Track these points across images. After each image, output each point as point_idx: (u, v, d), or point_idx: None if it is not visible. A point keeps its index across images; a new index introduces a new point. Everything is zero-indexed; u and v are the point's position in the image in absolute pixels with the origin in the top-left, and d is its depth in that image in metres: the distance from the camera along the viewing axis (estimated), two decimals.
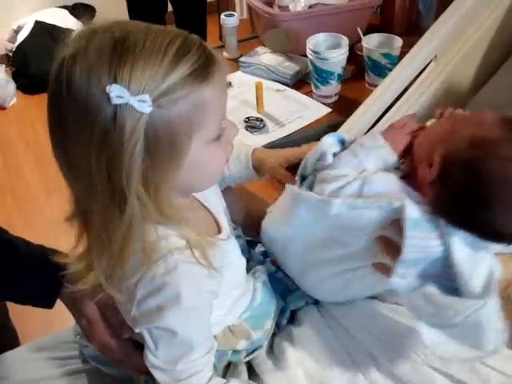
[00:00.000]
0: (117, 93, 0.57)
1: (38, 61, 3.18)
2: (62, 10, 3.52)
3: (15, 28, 3.35)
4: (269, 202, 0.92)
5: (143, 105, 0.58)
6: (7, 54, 3.43)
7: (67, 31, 0.64)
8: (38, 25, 3.27)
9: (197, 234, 0.70)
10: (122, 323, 0.78)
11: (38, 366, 0.99)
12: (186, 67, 0.60)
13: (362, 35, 1.53)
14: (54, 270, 0.77)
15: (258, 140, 1.38)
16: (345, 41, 1.48)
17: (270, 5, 1.74)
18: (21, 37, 3.31)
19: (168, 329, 0.70)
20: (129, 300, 0.70)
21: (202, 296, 0.72)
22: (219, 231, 0.79)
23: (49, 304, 0.87)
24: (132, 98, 0.57)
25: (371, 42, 1.54)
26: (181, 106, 0.61)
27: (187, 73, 0.60)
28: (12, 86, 3.29)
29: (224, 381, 0.77)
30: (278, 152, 0.95)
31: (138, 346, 0.80)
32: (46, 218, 2.34)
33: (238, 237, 0.88)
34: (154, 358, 0.72)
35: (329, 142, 0.84)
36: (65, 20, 3.40)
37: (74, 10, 3.55)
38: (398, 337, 0.82)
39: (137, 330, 0.72)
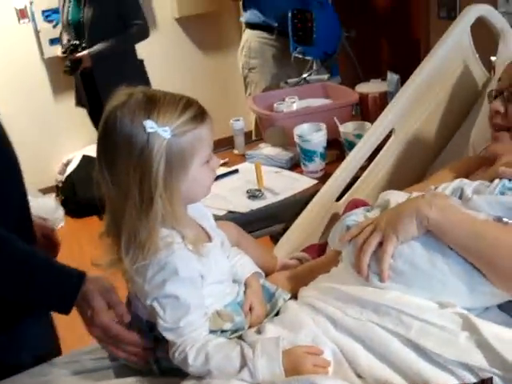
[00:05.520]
0: (149, 125, 0.95)
1: (84, 189, 3.63)
2: None
3: (65, 162, 3.89)
4: None
5: (165, 133, 0.96)
6: (57, 185, 3.93)
7: None
8: (85, 158, 3.79)
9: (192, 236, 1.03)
10: (124, 310, 1.08)
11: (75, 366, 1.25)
12: (190, 113, 0.99)
13: (338, 123, 1.91)
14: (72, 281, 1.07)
15: (257, 204, 1.72)
16: (323, 126, 1.86)
17: (271, 110, 2.19)
18: (69, 169, 3.84)
19: (172, 295, 1.00)
20: (142, 280, 1.00)
21: (193, 272, 1.02)
22: (210, 240, 1.11)
23: (66, 310, 1.08)
24: (159, 128, 0.95)
25: (347, 128, 1.92)
26: (188, 136, 0.99)
27: (191, 116, 0.99)
28: (60, 211, 3.75)
29: (215, 336, 1.04)
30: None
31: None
32: None
33: None
34: (163, 322, 1.01)
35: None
36: None
37: None
38: (349, 303, 1.07)
39: (148, 303, 1.01)
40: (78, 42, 3.09)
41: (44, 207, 3.75)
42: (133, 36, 3.22)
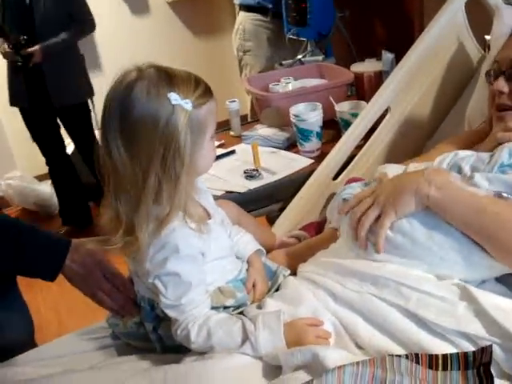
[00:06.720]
0: (174, 97, 0.96)
1: (80, 176, 3.61)
2: None
3: None
4: None
5: (187, 105, 0.96)
6: None
7: None
8: None
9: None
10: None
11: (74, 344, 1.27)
12: (202, 88, 1.00)
13: (334, 103, 1.91)
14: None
15: (254, 184, 1.72)
16: (319, 106, 1.85)
17: (266, 91, 2.18)
18: None
19: (173, 272, 1.00)
20: (144, 258, 1.01)
21: (194, 250, 1.03)
22: (210, 218, 1.11)
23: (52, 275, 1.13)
24: (182, 100, 0.96)
25: (343, 107, 1.92)
26: (203, 109, 0.99)
27: (203, 91, 1.00)
28: (56, 198, 3.74)
29: (216, 312, 1.05)
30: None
31: None
32: None
33: None
34: (166, 299, 1.02)
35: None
36: None
37: None
38: (348, 276, 1.08)
39: (150, 281, 1.02)
40: (26, 37, 2.97)
41: (40, 194, 3.76)
42: (82, 31, 3.19)
